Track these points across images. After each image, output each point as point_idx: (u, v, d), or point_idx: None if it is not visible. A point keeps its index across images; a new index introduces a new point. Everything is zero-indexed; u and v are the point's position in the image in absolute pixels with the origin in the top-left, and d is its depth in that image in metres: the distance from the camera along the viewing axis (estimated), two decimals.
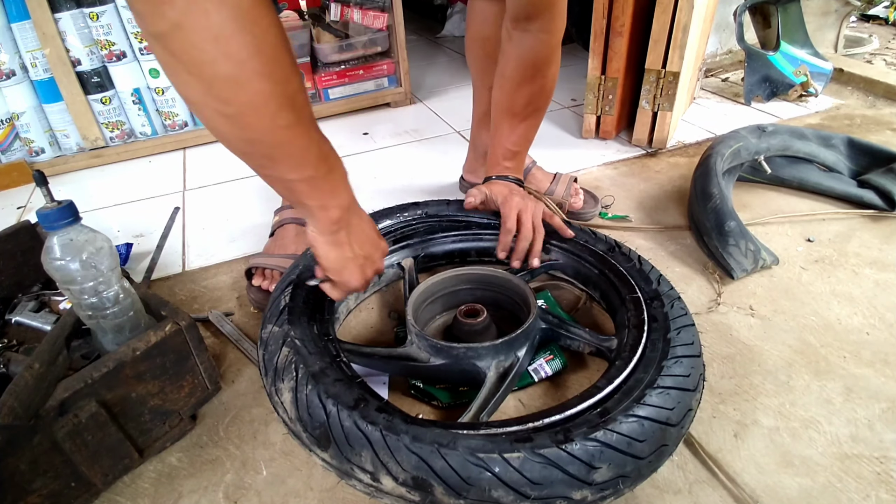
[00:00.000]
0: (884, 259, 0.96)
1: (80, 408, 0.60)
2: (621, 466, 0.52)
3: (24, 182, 1.44)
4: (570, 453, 0.51)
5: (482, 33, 1.02)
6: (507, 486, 0.50)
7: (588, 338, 0.74)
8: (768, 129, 1.17)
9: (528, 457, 0.51)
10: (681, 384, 0.60)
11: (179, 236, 1.17)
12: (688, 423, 0.59)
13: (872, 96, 1.64)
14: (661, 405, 0.57)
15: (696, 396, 0.61)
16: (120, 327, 0.66)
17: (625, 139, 1.46)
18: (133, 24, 1.39)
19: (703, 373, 0.65)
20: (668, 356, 0.63)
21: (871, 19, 2.50)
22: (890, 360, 0.77)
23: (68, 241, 0.61)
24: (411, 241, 0.93)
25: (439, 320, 0.86)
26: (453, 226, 0.95)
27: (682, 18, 1.20)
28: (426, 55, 2.36)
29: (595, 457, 0.52)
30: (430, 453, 0.51)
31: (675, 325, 0.68)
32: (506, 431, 0.55)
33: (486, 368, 0.70)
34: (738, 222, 0.96)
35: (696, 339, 0.67)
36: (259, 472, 0.67)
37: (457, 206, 0.96)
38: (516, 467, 0.50)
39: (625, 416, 0.55)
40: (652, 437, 0.54)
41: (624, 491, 0.54)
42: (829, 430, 0.68)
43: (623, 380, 0.62)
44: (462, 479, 0.50)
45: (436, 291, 0.83)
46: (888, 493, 0.61)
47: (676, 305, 0.72)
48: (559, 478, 0.50)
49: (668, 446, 0.56)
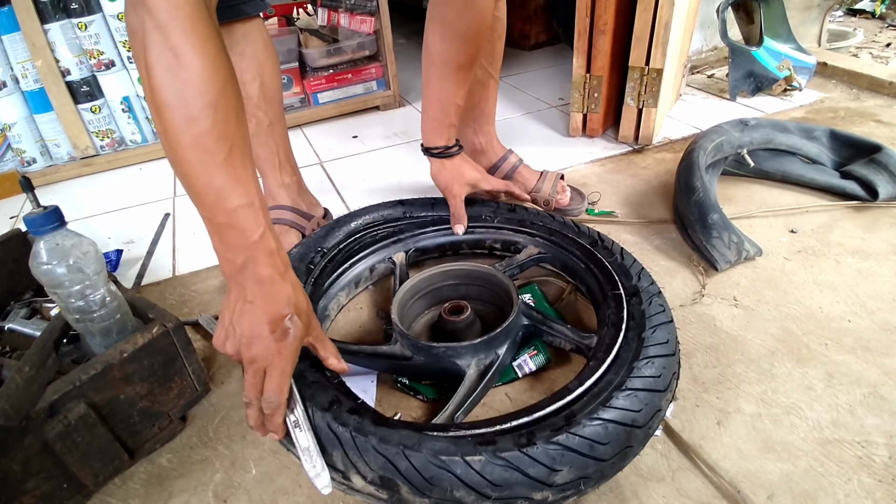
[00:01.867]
0: (866, 248, 0.97)
1: (70, 409, 0.61)
2: (583, 469, 0.53)
3: (17, 192, 1.44)
4: (531, 456, 0.52)
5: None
6: (468, 486, 0.51)
7: (570, 335, 0.75)
8: (751, 123, 1.18)
9: (489, 459, 0.52)
10: (650, 385, 0.60)
11: (169, 242, 1.18)
12: (657, 424, 0.60)
13: (856, 89, 1.66)
14: (628, 408, 0.57)
15: (666, 397, 0.61)
16: (107, 330, 0.67)
17: (611, 136, 1.47)
18: (121, 33, 1.40)
19: (676, 371, 0.65)
20: (640, 357, 0.63)
21: (858, 13, 2.52)
22: (871, 346, 0.78)
23: (55, 246, 0.62)
24: (402, 235, 0.95)
25: (426, 316, 0.87)
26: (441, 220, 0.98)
27: (663, 16, 1.22)
28: (414, 58, 2.36)
29: (556, 460, 0.52)
30: (396, 454, 0.53)
31: (651, 323, 0.68)
32: (472, 434, 0.56)
33: (466, 366, 0.71)
34: (721, 215, 0.97)
35: (671, 338, 0.67)
36: (248, 471, 0.68)
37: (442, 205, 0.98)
38: (477, 469, 0.51)
39: (589, 419, 0.56)
40: (616, 439, 0.55)
41: (586, 491, 0.56)
42: (811, 416, 0.69)
43: (594, 381, 0.62)
44: (425, 480, 0.52)
45: (422, 288, 0.84)
46: (869, 477, 0.62)
47: (655, 302, 0.72)
48: (520, 480, 0.51)
49: (632, 447, 0.57)
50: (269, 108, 0.94)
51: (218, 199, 0.53)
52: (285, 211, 1.01)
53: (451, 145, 0.93)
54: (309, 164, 1.47)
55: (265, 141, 0.96)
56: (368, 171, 1.42)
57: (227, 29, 0.85)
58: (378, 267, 0.94)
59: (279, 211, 1.02)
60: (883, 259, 0.94)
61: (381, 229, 0.96)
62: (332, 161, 1.48)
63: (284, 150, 1.01)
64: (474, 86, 1.06)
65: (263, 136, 0.96)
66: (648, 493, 0.62)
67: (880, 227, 1.02)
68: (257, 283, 0.55)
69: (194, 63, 0.49)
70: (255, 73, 0.90)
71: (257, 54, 0.90)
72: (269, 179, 1.00)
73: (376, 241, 0.94)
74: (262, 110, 0.93)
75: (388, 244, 0.94)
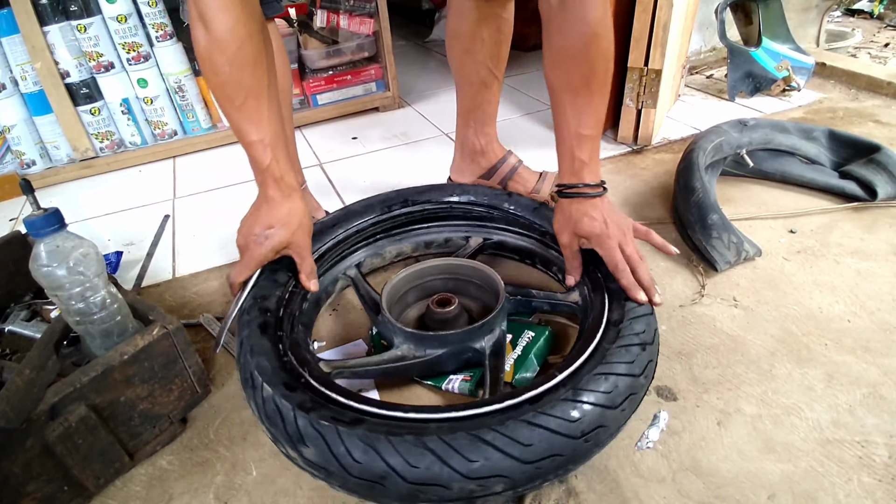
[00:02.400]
0: (865, 248, 0.97)
1: (70, 412, 0.61)
2: (499, 464, 0.54)
3: (16, 194, 1.45)
4: (450, 444, 0.54)
5: (459, 29, 1.03)
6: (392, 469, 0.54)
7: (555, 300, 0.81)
8: (750, 124, 1.18)
9: (412, 444, 0.54)
10: (600, 401, 0.59)
11: (169, 244, 1.18)
12: (595, 437, 0.58)
13: (855, 89, 1.66)
14: (561, 416, 0.56)
15: (616, 414, 0.60)
16: (108, 332, 0.67)
17: (610, 137, 1.48)
18: (120, 35, 1.41)
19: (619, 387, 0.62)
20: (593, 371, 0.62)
21: (856, 13, 2.53)
22: (871, 346, 0.78)
23: (55, 248, 0.62)
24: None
25: (412, 311, 0.88)
26: None
27: (662, 17, 1.22)
28: (414, 60, 2.38)
29: (472, 451, 0.54)
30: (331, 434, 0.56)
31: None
32: (412, 418, 0.59)
33: (481, 348, 0.74)
34: (720, 215, 0.97)
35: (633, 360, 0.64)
36: (249, 473, 0.68)
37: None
38: (401, 452, 0.54)
39: (518, 421, 0.55)
40: (539, 443, 0.55)
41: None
42: (811, 417, 0.69)
43: (540, 392, 0.61)
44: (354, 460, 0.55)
45: (410, 281, 0.87)
46: (870, 477, 0.62)
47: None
48: (436, 464, 0.53)
49: (562, 456, 0.56)
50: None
51: (239, 134, 0.72)
52: None
53: (576, 184, 0.77)
54: (308, 166, 1.47)
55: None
56: (368, 173, 1.42)
57: None
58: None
59: None
60: (882, 259, 0.94)
61: None
62: (331, 162, 1.49)
63: (290, 153, 1.01)
64: (477, 87, 1.06)
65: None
66: (649, 493, 0.62)
67: (879, 227, 1.03)
68: (265, 199, 0.75)
69: (215, 27, 0.65)
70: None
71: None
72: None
73: None
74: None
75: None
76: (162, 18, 1.42)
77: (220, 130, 1.62)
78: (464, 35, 1.02)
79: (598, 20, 0.73)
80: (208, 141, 1.61)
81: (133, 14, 1.40)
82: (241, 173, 1.45)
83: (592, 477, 0.64)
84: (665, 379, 0.76)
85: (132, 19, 1.40)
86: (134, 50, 1.43)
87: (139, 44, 1.43)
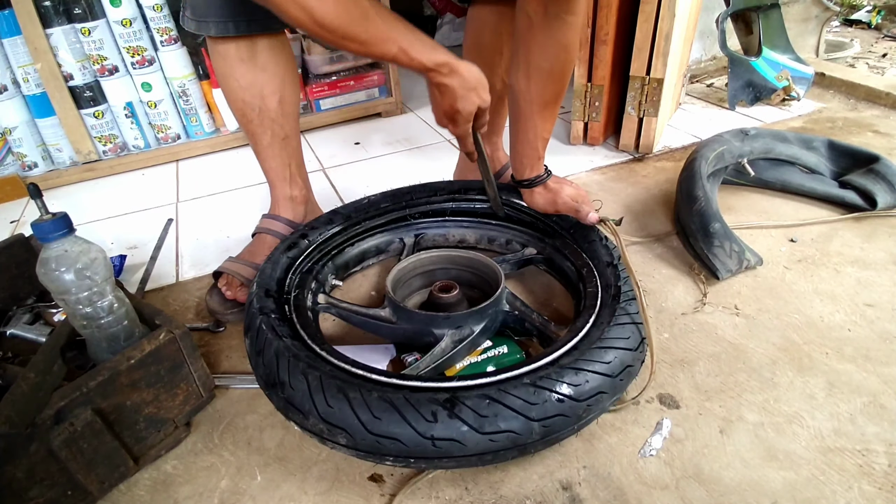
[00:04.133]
0: (865, 258, 0.98)
1: (76, 416, 0.61)
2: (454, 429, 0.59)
3: (18, 196, 1.45)
4: (391, 402, 0.59)
5: (480, 41, 1.04)
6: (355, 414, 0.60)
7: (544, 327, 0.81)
8: (751, 133, 1.19)
9: (365, 396, 0.60)
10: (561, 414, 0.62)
11: (173, 247, 1.18)
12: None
13: (854, 99, 1.67)
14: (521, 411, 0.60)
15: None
16: (114, 336, 0.67)
17: (612, 145, 1.48)
18: (125, 39, 1.41)
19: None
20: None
21: (854, 24, 2.55)
22: (871, 355, 0.79)
23: (63, 253, 0.62)
24: None
25: (419, 294, 0.94)
26: None
27: (664, 27, 1.23)
28: None
29: (422, 409, 0.59)
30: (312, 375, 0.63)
31: None
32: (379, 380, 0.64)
33: (442, 335, 0.78)
34: (722, 224, 0.98)
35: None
36: (254, 478, 0.68)
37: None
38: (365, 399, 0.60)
39: (469, 399, 0.59)
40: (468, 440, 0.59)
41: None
42: (813, 425, 0.70)
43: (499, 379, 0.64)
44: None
45: (417, 268, 0.93)
46: (870, 485, 0.63)
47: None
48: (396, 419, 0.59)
49: (520, 447, 0.61)
50: (285, 122, 0.95)
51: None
52: (278, 222, 1.00)
53: (541, 174, 0.92)
54: (311, 171, 1.46)
55: (278, 153, 0.97)
56: (371, 178, 1.42)
57: (251, 42, 0.86)
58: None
59: (272, 221, 1.00)
60: (882, 268, 0.95)
61: None
62: (334, 168, 1.49)
63: (297, 162, 1.01)
64: (493, 99, 1.07)
65: (277, 148, 0.96)
66: (653, 500, 0.62)
67: (879, 236, 1.03)
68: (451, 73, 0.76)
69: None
70: (275, 88, 0.91)
71: (279, 69, 0.90)
72: (276, 190, 1.01)
73: None
74: (278, 124, 0.94)
75: None
76: (167, 23, 1.43)
77: (223, 134, 1.62)
78: (485, 47, 1.03)
79: (575, 44, 0.83)
80: (211, 145, 1.61)
81: (138, 18, 1.40)
82: (243, 177, 1.45)
83: (596, 484, 0.64)
84: (668, 387, 0.76)
85: (137, 23, 1.40)
86: (138, 54, 1.43)
87: (143, 48, 1.43)
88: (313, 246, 0.92)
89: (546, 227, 0.98)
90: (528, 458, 0.67)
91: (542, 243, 0.97)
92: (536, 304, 0.95)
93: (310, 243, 0.92)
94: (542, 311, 0.91)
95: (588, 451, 0.68)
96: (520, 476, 0.66)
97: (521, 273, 1.00)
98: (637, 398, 0.74)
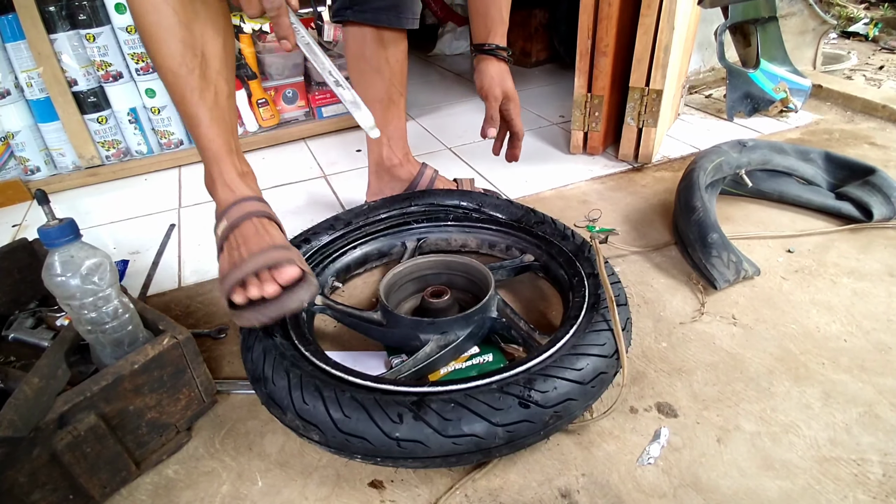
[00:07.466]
0: (861, 269, 0.99)
1: (80, 421, 0.61)
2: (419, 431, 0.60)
3: (20, 200, 1.45)
4: (361, 403, 0.62)
5: (364, 52, 1.09)
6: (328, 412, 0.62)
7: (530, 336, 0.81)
8: (749, 144, 1.21)
9: (338, 396, 0.63)
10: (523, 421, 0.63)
11: (175, 253, 1.18)
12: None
13: (850, 111, 1.69)
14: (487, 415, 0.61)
15: None
16: (118, 341, 0.68)
17: (611, 154, 1.50)
18: (130, 46, 1.42)
19: None
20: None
21: (852, 36, 2.57)
22: (867, 365, 0.80)
23: (69, 258, 0.62)
24: None
25: (411, 300, 0.95)
26: None
27: (663, 39, 1.25)
28: (418, 73, 2.40)
29: (389, 411, 0.61)
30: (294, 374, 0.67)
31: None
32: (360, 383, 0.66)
33: (427, 340, 0.79)
34: (720, 234, 0.99)
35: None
36: (255, 483, 0.68)
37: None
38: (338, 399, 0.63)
39: (435, 403, 0.61)
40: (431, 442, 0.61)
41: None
42: (809, 434, 0.71)
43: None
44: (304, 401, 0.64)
45: (409, 273, 0.94)
46: (865, 494, 0.63)
47: None
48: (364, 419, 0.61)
49: (483, 451, 0.62)
50: (230, 76, 0.78)
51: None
52: (256, 202, 0.80)
53: (504, 46, 0.90)
54: (312, 178, 1.48)
55: (226, 117, 0.77)
56: None
57: None
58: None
59: (252, 203, 0.79)
60: (877, 280, 0.96)
61: None
62: (335, 174, 1.50)
63: (236, 131, 0.83)
64: (388, 105, 1.11)
65: (225, 111, 0.77)
66: None
67: (875, 248, 1.05)
68: None
69: None
70: (219, 28, 0.74)
71: (221, 4, 0.75)
72: (223, 165, 0.79)
73: None
74: (223, 77, 0.76)
75: None
76: None
77: None
78: (370, 57, 1.07)
79: None
80: None
81: None
82: None
83: (595, 492, 0.65)
84: (666, 395, 0.77)
85: None
86: (143, 60, 1.45)
87: None
88: (314, 250, 0.95)
89: (543, 234, 0.99)
90: (527, 466, 0.68)
91: (540, 250, 0.98)
92: (532, 311, 0.95)
93: (311, 247, 0.95)
94: (538, 320, 0.93)
95: (587, 458, 0.69)
96: (519, 484, 0.67)
97: (520, 280, 1.01)
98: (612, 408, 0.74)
